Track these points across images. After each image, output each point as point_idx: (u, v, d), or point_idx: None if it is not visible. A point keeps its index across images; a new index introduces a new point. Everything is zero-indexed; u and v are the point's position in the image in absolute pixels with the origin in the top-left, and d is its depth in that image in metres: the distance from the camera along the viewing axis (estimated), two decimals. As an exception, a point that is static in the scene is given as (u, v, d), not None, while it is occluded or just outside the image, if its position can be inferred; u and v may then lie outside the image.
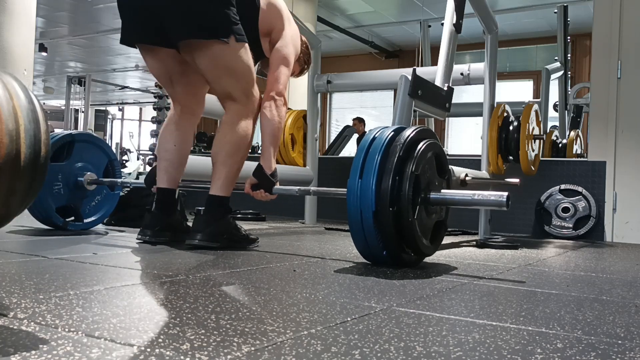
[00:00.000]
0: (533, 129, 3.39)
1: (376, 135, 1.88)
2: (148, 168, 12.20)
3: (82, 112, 11.09)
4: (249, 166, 3.81)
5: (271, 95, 2.30)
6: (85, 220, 2.75)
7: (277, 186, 2.32)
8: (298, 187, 2.35)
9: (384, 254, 1.83)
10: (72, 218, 2.71)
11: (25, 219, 3.03)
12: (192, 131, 2.43)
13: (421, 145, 1.85)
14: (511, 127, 3.31)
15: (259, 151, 8.15)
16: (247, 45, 2.17)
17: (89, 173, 2.71)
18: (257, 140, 9.17)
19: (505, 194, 1.77)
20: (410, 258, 1.88)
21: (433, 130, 2.15)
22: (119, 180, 2.81)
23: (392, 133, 1.87)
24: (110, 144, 16.59)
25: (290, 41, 2.35)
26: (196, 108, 2.42)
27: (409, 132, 1.86)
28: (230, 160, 2.21)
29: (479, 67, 3.51)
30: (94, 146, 2.79)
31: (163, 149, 2.35)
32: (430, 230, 1.94)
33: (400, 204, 1.75)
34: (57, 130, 2.84)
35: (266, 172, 2.27)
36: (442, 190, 1.94)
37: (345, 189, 1.85)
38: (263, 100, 2.30)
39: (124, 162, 15.02)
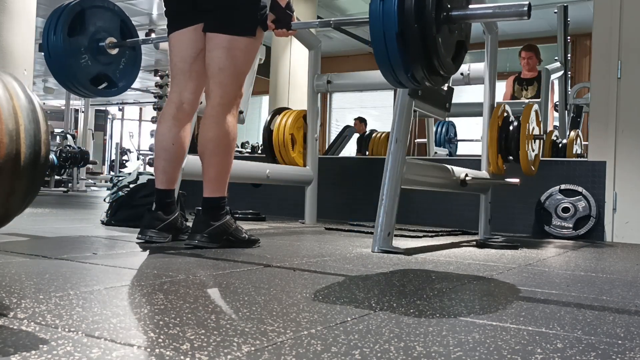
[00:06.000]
0: (533, 129, 3.39)
1: None
2: (148, 168, 12.20)
3: (82, 112, 11.09)
4: (249, 166, 3.80)
5: None
6: (119, 85, 2.77)
7: (295, 21, 2.30)
8: (319, 20, 2.30)
9: (408, 77, 1.78)
10: (105, 84, 2.73)
11: (25, 219, 3.03)
12: (190, 126, 2.37)
13: None
14: (511, 127, 3.31)
15: (259, 151, 8.07)
16: (263, 31, 2.25)
17: (109, 37, 2.67)
18: (257, 140, 9.13)
19: (527, 2, 1.73)
20: (435, 78, 1.84)
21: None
22: (140, 39, 2.78)
23: None
24: (110, 145, 16.65)
25: None
26: (194, 102, 2.35)
27: None
28: (215, 159, 2.19)
29: (479, 67, 3.51)
30: (103, 9, 2.74)
31: (161, 147, 2.29)
32: (453, 49, 1.89)
33: (424, 23, 1.69)
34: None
35: (281, 5, 2.23)
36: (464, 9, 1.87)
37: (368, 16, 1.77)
38: None
39: (124, 162, 15.03)
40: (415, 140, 5.72)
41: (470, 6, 1.87)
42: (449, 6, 1.77)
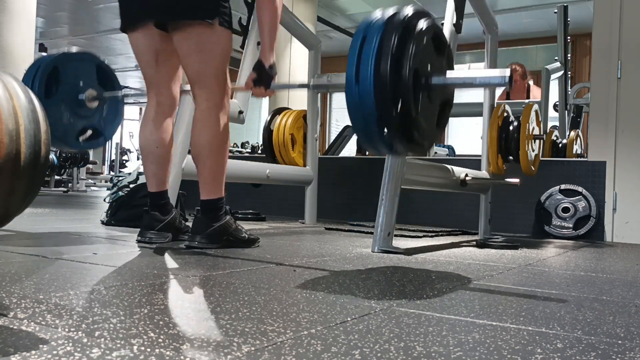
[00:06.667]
0: (533, 129, 3.39)
1: (366, 36, 1.69)
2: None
3: (82, 112, 11.07)
4: (249, 166, 3.80)
5: None
6: (105, 133, 2.74)
7: (276, 82, 2.29)
8: (299, 84, 2.29)
9: (392, 151, 1.78)
10: (90, 133, 2.68)
11: (25, 219, 3.03)
12: (171, 123, 2.36)
13: (418, 29, 1.67)
14: (511, 127, 3.31)
15: (259, 151, 8.05)
16: (230, 31, 2.18)
17: (88, 90, 2.62)
18: (257, 140, 9.14)
19: (508, 70, 1.69)
20: (419, 148, 1.81)
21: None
22: (120, 93, 2.73)
23: (383, 29, 1.67)
24: (110, 145, 16.64)
25: None
26: (172, 101, 2.35)
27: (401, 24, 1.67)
28: (209, 161, 2.18)
29: (479, 67, 3.50)
30: (76, 62, 2.67)
31: (147, 151, 2.30)
32: (436, 114, 1.83)
33: (404, 102, 1.63)
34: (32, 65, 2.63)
35: (265, 66, 2.24)
36: (443, 73, 1.80)
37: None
38: None
39: (124, 162, 15.03)
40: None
41: (449, 75, 1.79)
42: (427, 75, 1.71)
